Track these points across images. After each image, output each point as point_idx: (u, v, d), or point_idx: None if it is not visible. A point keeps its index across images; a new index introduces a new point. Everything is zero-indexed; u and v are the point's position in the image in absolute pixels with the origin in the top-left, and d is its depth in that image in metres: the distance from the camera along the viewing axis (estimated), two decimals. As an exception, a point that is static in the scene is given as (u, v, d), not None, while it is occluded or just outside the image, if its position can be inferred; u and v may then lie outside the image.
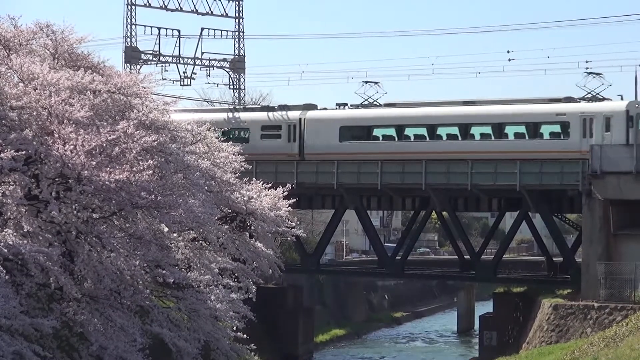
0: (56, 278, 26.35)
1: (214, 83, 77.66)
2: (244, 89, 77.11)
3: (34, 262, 25.91)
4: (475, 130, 53.51)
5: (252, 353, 34.92)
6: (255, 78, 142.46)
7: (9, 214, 27.32)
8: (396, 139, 55.35)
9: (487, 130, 53.03)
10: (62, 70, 31.60)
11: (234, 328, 32.98)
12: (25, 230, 27.21)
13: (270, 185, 42.44)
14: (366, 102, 57.62)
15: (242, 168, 41.30)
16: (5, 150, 26.44)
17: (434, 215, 67.90)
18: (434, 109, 54.52)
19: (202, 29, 74.73)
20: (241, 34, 76.00)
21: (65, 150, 27.07)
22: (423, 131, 54.51)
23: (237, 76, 76.41)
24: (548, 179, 50.49)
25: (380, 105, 57.10)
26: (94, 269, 27.44)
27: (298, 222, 43.82)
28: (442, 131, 54.31)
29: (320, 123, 56.63)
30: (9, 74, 30.18)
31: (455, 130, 53.83)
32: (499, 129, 52.54)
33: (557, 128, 51.49)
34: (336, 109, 57.84)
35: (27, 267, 26.13)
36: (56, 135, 27.72)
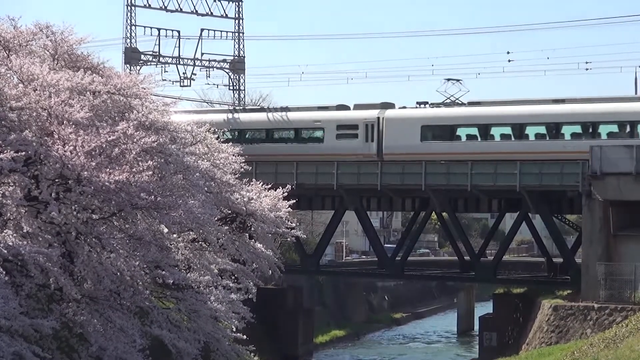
0: (56, 279, 26.34)
1: (214, 84, 77.77)
2: (244, 89, 77.21)
3: (34, 263, 25.90)
4: (566, 130, 51.61)
5: (252, 354, 34.91)
6: (255, 79, 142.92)
7: (8, 214, 27.32)
8: (481, 138, 53.33)
9: (577, 129, 51.32)
10: (62, 71, 31.59)
11: (234, 329, 32.97)
12: (25, 231, 27.20)
13: (270, 186, 42.43)
14: (448, 101, 55.63)
15: (242, 169, 41.30)
16: (5, 151, 26.42)
17: (433, 216, 67.92)
18: (521, 107, 52.46)
19: (202, 29, 74.81)
20: (241, 34, 76.05)
21: (65, 151, 27.06)
22: (509, 130, 52.75)
23: (237, 77, 76.42)
24: (548, 180, 50.46)
25: (463, 104, 55.13)
26: (93, 270, 27.42)
27: (298, 223, 43.80)
28: (530, 130, 52.33)
29: (400, 122, 54.65)
30: (8, 75, 30.19)
31: (543, 130, 52.00)
32: (590, 128, 50.76)
33: None
34: (416, 107, 55.80)
35: (27, 267, 26.12)
36: (56, 136, 27.72)
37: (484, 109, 53.43)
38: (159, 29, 73.10)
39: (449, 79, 57.02)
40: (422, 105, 55.81)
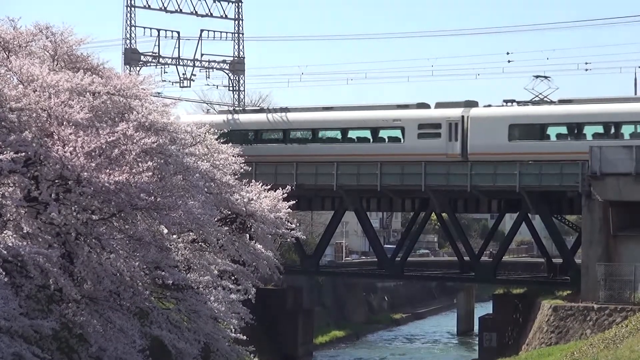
0: (56, 279, 26.34)
1: (214, 85, 77.76)
2: (244, 90, 77.19)
3: (34, 264, 25.90)
4: None
5: (252, 354, 34.92)
6: (255, 80, 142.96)
7: (8, 215, 27.31)
8: (573, 137, 51.42)
9: None
10: (62, 72, 31.56)
11: (234, 329, 32.98)
12: (25, 231, 27.20)
13: (269, 186, 42.43)
14: (536, 99, 53.83)
15: (242, 170, 41.30)
16: (5, 152, 26.42)
17: (433, 216, 67.90)
18: (615, 105, 50.57)
19: (202, 30, 74.77)
20: (241, 35, 76.00)
21: (64, 152, 27.05)
22: (601, 129, 50.97)
23: (237, 78, 76.41)
24: (548, 180, 50.46)
25: (552, 102, 53.23)
26: (93, 271, 27.42)
27: (298, 224, 43.77)
28: (626, 130, 50.41)
29: (487, 121, 52.79)
30: (8, 76, 30.17)
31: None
32: None
33: None
34: (502, 105, 54.11)
35: (27, 268, 26.12)
36: (56, 137, 27.71)
37: (575, 107, 51.65)
38: (158, 30, 73.13)
39: (537, 76, 55.42)
40: (509, 104, 54.05)
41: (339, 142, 56.89)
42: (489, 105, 54.38)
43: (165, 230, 30.31)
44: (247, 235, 39.24)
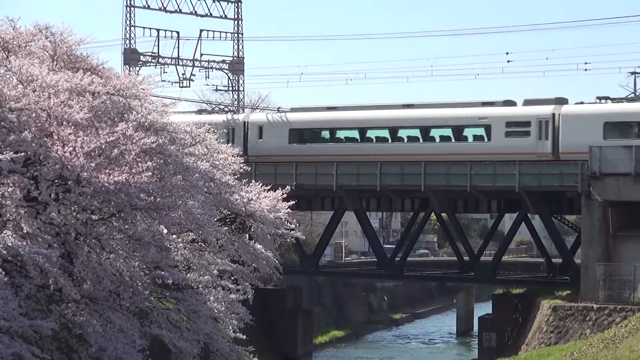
0: (55, 279, 26.33)
1: (213, 85, 77.73)
2: (243, 90, 77.17)
3: (33, 264, 25.90)
4: None
5: (252, 354, 34.91)
6: (254, 80, 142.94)
7: (8, 215, 27.30)
8: None
9: None
10: (61, 72, 31.55)
11: (233, 330, 32.97)
12: (25, 231, 27.19)
13: (269, 186, 42.41)
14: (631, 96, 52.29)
15: (242, 170, 41.29)
16: (5, 152, 26.42)
17: (433, 216, 67.92)
18: None
19: (201, 30, 74.72)
20: (240, 35, 75.95)
21: (64, 152, 27.05)
22: None
23: (236, 78, 76.39)
24: (547, 180, 50.45)
25: None
26: (93, 271, 27.42)
27: (297, 224, 43.71)
28: None
29: (580, 119, 50.81)
30: (8, 76, 30.16)
31: None
32: None
33: None
34: (596, 103, 52.76)
35: (26, 268, 26.11)
36: (55, 137, 27.70)
37: None
38: (158, 30, 73.09)
39: (633, 73, 53.81)
40: (603, 101, 52.61)
41: (418, 141, 55.17)
42: (581, 103, 53.02)
43: (165, 230, 30.29)
44: (247, 235, 39.23)
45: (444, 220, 62.99)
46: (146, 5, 72.38)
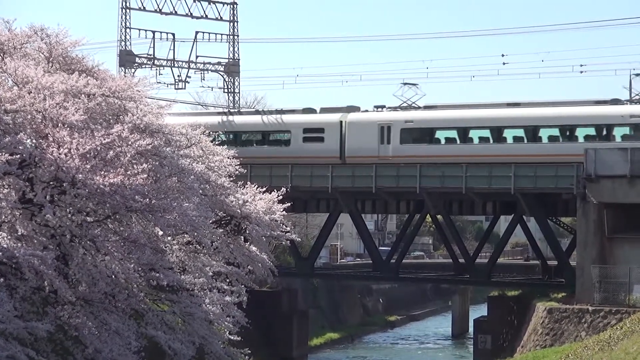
0: (50, 281, 26.32)
1: (209, 87, 77.75)
2: (239, 92, 77.18)
3: (28, 266, 25.87)
4: None
5: (247, 357, 34.90)
6: (250, 82, 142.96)
7: (3, 217, 27.29)
8: None
9: None
10: (57, 73, 31.56)
11: (228, 332, 32.96)
12: (20, 233, 27.18)
13: (265, 189, 42.36)
14: None
15: (237, 172, 41.26)
16: (0, 154, 26.39)
17: (428, 218, 67.85)
18: None
19: (197, 32, 74.77)
20: (236, 37, 76.02)
21: (59, 154, 27.04)
22: None
23: (232, 80, 76.40)
24: (543, 183, 50.45)
25: None
26: (88, 273, 27.42)
27: (292, 226, 43.65)
28: None
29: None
30: (3, 78, 30.17)
31: None
32: None
33: None
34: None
35: (22, 270, 26.10)
36: (50, 139, 27.69)
37: None
38: (153, 32, 73.12)
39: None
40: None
41: (522, 142, 52.85)
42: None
43: (160, 232, 30.29)
44: (242, 237, 39.21)
45: (439, 222, 62.94)
46: (142, 7, 72.41)
